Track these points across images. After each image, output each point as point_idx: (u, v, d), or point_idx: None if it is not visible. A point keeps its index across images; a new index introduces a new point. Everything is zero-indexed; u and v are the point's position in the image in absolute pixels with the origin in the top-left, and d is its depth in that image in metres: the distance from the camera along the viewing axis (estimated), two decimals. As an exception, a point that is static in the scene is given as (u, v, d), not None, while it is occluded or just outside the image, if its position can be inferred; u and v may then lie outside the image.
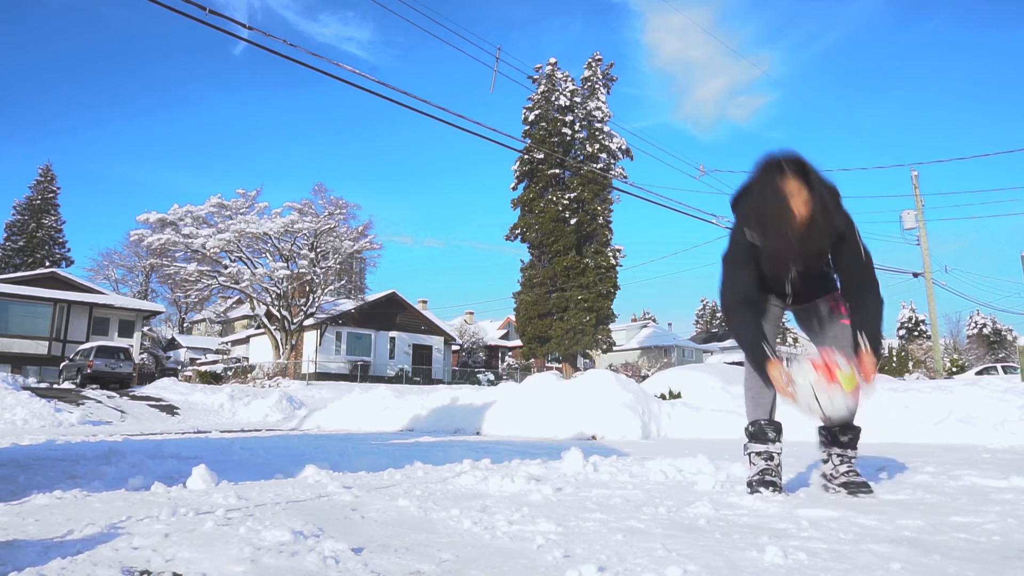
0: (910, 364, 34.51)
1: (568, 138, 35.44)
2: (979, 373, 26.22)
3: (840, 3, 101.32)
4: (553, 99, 35.61)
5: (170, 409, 17.19)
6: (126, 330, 30.39)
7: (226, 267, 31.96)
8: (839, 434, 2.63)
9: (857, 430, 2.64)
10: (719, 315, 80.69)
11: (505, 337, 52.42)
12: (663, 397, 10.10)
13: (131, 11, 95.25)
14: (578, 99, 36.08)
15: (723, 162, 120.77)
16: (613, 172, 35.47)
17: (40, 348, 27.75)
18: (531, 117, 35.87)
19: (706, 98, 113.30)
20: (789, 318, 2.99)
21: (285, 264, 32.20)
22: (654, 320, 63.16)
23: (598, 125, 35.88)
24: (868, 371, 2.42)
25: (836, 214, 2.47)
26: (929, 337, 36.07)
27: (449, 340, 40.61)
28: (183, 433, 8.67)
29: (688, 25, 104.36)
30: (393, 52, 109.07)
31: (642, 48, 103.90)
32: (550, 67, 36.44)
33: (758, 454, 2.66)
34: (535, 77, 35.71)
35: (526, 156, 33.52)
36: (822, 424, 2.67)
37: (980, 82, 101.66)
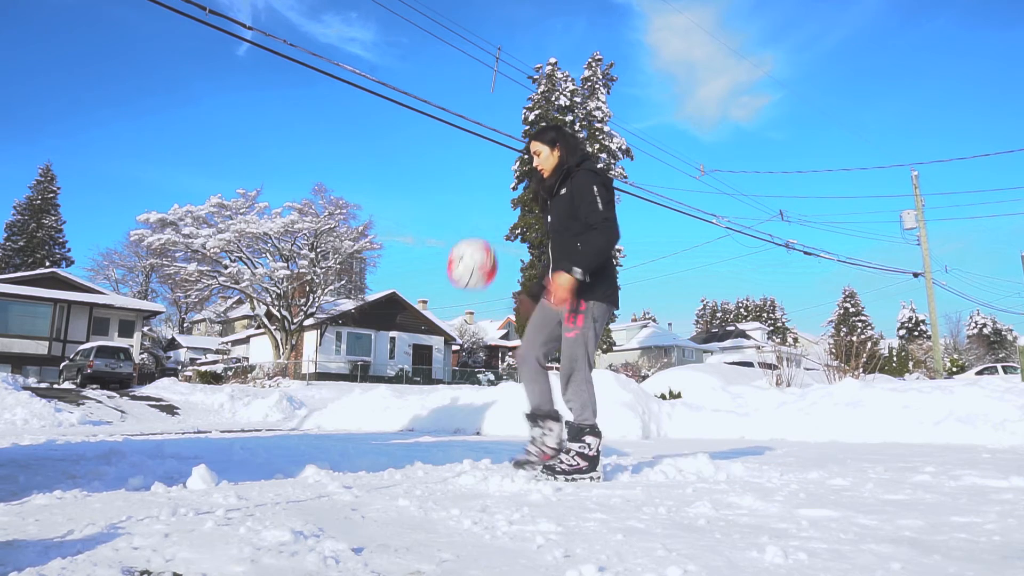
0: (910, 364, 34.49)
1: (568, 138, 35.41)
2: (979, 373, 26.22)
3: (843, 4, 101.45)
4: (553, 99, 35.61)
5: (170, 409, 17.19)
6: (126, 330, 30.40)
7: (226, 267, 31.97)
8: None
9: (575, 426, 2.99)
10: (719, 315, 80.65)
11: (505, 337, 52.41)
12: (663, 397, 10.10)
13: (132, 10, 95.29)
14: (578, 99, 36.08)
15: (725, 162, 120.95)
16: (613, 172, 35.46)
17: (40, 348, 27.76)
18: (531, 117, 35.87)
19: (708, 98, 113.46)
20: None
21: (285, 264, 32.21)
22: (654, 320, 63.16)
23: (598, 125, 35.89)
24: (554, 294, 2.86)
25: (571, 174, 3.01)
26: (929, 337, 36.06)
27: (449, 340, 40.61)
28: (183, 433, 8.67)
29: (691, 26, 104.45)
30: (396, 53, 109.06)
31: (645, 49, 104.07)
32: (550, 67, 36.45)
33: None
34: (535, 77, 35.72)
35: (526, 156, 33.46)
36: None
37: (980, 82, 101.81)
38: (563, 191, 3.03)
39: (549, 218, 3.12)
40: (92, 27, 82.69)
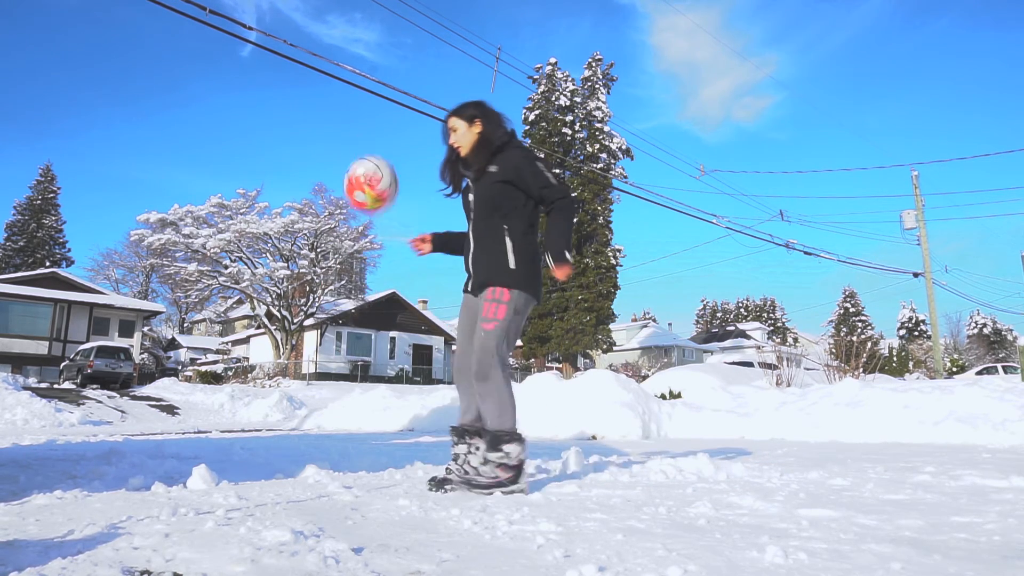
0: (910, 364, 34.51)
1: (568, 138, 35.43)
2: (979, 373, 26.21)
3: (846, 5, 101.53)
4: (553, 99, 35.60)
5: (170, 409, 17.19)
6: (126, 330, 30.39)
7: (226, 267, 31.98)
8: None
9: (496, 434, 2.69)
10: (719, 315, 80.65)
11: (505, 337, 52.33)
12: (663, 397, 10.09)
13: (133, 10, 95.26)
14: (578, 99, 36.07)
15: (727, 162, 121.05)
16: (613, 172, 35.47)
17: (40, 348, 27.76)
18: (531, 117, 35.86)
19: (711, 99, 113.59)
20: None
21: (285, 264, 32.22)
22: (654, 320, 63.15)
23: (598, 125, 35.88)
24: (559, 275, 2.70)
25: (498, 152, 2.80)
26: (929, 337, 36.06)
27: (449, 340, 40.55)
28: (183, 433, 8.67)
29: (694, 27, 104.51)
30: (400, 53, 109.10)
31: (648, 49, 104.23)
32: (550, 67, 36.43)
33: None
34: (535, 77, 35.71)
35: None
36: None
37: (981, 83, 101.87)
38: (492, 168, 2.78)
39: (471, 197, 2.85)
40: (93, 27, 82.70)
